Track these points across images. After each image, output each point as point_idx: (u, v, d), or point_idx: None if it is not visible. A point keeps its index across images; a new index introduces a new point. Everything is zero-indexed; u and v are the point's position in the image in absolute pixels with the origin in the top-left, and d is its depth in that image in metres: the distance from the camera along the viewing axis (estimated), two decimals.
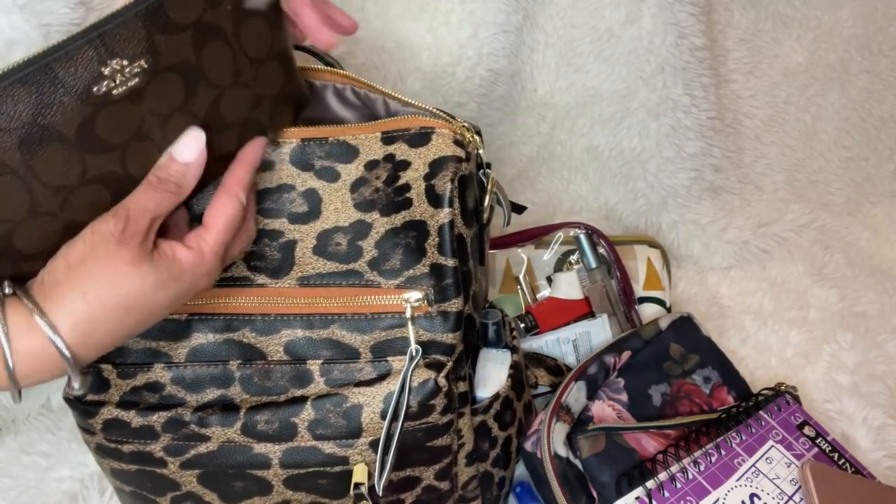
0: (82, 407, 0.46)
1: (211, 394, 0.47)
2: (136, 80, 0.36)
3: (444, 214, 0.46)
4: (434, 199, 0.47)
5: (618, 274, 0.74)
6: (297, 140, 0.48)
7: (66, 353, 0.36)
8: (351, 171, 0.48)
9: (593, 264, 0.74)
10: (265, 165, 0.48)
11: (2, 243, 0.36)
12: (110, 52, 0.35)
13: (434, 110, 0.50)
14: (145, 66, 0.36)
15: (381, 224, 0.47)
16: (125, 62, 0.35)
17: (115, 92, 0.36)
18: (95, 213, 0.38)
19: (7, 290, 0.37)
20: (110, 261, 0.37)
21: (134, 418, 0.46)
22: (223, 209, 0.42)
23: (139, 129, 0.38)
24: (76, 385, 0.39)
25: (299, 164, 0.48)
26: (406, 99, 0.51)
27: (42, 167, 0.35)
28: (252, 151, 0.45)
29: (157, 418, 0.46)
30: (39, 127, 0.34)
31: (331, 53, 0.56)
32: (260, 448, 0.46)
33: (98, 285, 0.37)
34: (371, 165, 0.48)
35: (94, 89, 0.35)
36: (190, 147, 0.40)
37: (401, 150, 0.48)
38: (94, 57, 0.34)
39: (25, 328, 0.36)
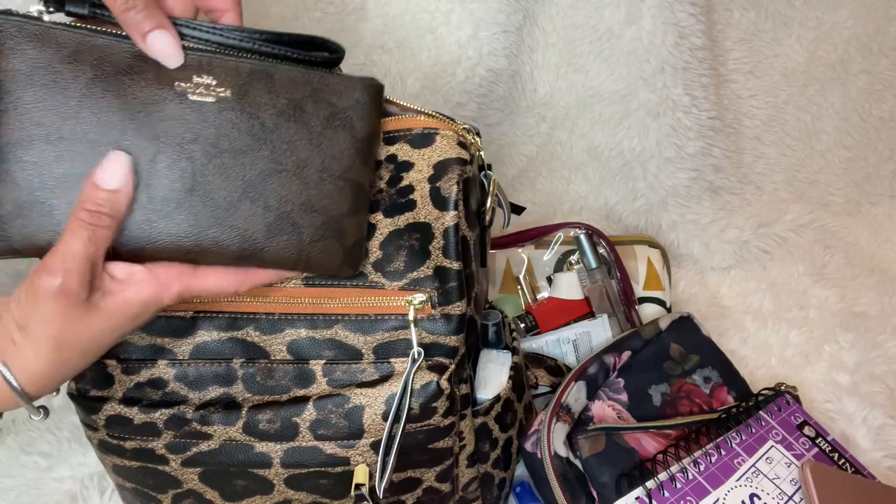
0: (86, 402, 0.46)
1: (213, 392, 0.47)
2: (211, 98, 0.40)
3: (450, 217, 0.46)
4: (439, 202, 0.46)
5: (618, 274, 0.74)
6: None
7: (26, 402, 0.38)
8: None
9: (593, 264, 0.74)
10: None
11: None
12: (209, 71, 0.40)
13: (434, 113, 0.50)
14: (225, 95, 0.40)
15: (384, 225, 0.47)
16: (213, 81, 0.40)
17: (189, 95, 0.40)
18: None
19: None
20: (57, 322, 0.36)
21: (136, 415, 0.46)
22: (222, 284, 0.41)
23: (182, 140, 0.40)
24: (33, 417, 0.40)
25: None
26: (405, 104, 0.51)
27: (88, 112, 0.39)
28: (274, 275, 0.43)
29: (160, 415, 0.46)
30: (119, 82, 0.39)
31: None
32: (261, 447, 0.46)
33: (50, 345, 0.36)
34: None
35: (177, 84, 0.39)
36: (114, 171, 0.36)
37: (403, 151, 0.48)
38: (194, 65, 0.40)
39: None
